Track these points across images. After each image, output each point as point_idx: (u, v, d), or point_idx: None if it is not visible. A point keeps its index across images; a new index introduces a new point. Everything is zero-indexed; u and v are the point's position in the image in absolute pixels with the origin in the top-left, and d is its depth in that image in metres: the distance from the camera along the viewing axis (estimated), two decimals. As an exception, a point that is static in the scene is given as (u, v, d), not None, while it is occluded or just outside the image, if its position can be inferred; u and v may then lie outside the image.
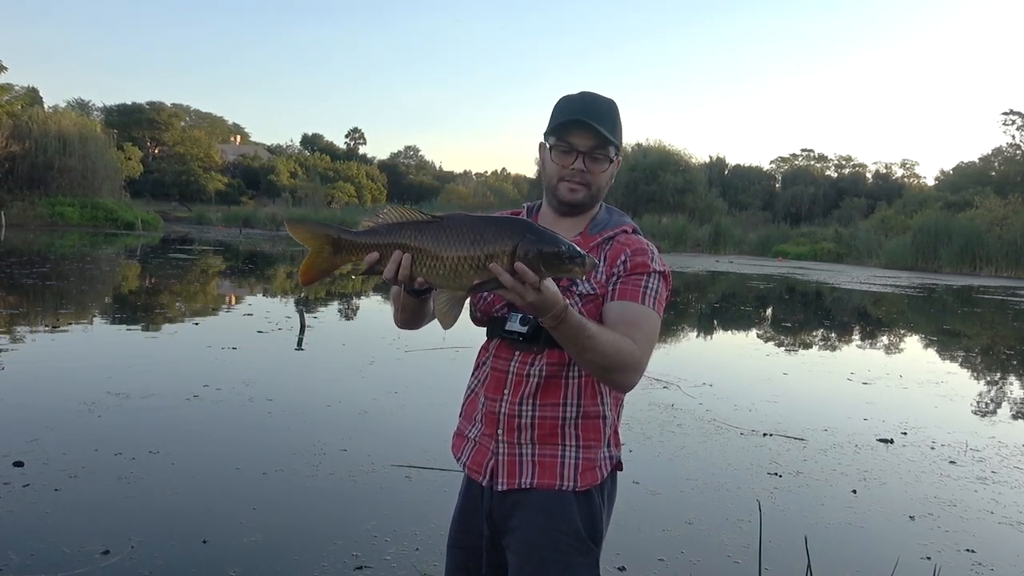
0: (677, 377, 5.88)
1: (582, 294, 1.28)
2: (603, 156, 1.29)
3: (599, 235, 1.33)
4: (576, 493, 1.26)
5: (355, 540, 2.66)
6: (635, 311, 1.25)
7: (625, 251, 1.29)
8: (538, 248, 1.05)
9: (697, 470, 3.68)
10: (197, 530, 2.66)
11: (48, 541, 2.50)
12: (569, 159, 1.29)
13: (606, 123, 1.28)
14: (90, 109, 54.38)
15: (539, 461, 1.28)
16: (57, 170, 29.35)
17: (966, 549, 2.93)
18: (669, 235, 36.66)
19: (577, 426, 1.29)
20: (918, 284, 21.21)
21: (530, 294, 1.08)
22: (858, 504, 3.36)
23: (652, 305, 1.27)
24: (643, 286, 1.27)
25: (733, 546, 2.82)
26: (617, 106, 1.32)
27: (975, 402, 6.08)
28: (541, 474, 1.27)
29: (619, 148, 1.32)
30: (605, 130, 1.27)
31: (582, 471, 1.28)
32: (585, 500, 1.27)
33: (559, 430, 1.29)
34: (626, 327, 1.22)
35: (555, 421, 1.29)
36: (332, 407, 4.47)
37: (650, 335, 1.26)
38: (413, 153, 74.92)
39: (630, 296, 1.26)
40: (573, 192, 1.29)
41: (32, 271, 11.72)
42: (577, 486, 1.26)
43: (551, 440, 1.28)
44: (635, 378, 1.25)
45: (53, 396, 4.36)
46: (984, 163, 43.97)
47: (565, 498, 1.25)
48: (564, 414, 1.29)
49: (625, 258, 1.28)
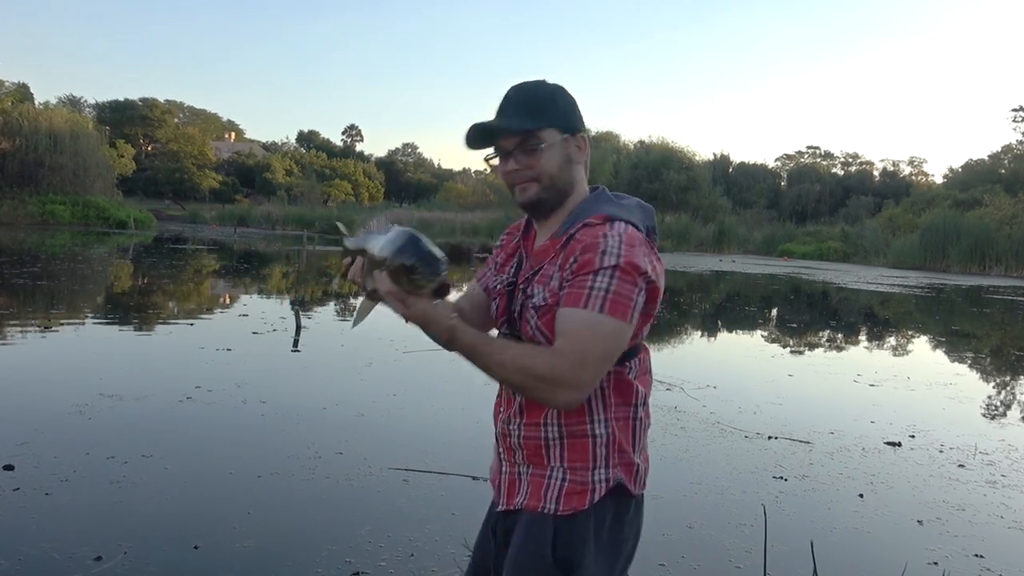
0: (680, 379, 5.82)
1: (536, 306, 1.18)
2: (534, 145, 1.19)
3: (564, 235, 1.21)
4: (556, 516, 1.17)
5: (350, 545, 2.62)
6: (568, 319, 1.12)
7: (577, 249, 1.15)
8: (394, 260, 1.05)
9: (700, 473, 3.62)
10: (190, 535, 2.62)
11: (38, 547, 2.47)
12: (505, 164, 1.22)
13: (518, 111, 1.19)
14: (82, 106, 54.41)
15: (531, 481, 1.22)
16: (48, 168, 29.13)
17: (975, 554, 2.87)
18: (672, 234, 36.57)
19: (562, 446, 1.19)
20: (926, 284, 21.06)
21: (398, 307, 1.09)
22: (865, 508, 3.30)
23: (598, 307, 1.10)
24: (587, 287, 1.11)
25: (736, 551, 2.76)
26: (544, 86, 1.22)
27: (984, 404, 5.99)
28: (531, 495, 1.21)
29: (557, 127, 1.20)
30: (514, 121, 1.18)
31: (566, 494, 1.17)
32: (566, 525, 1.17)
33: (543, 451, 1.21)
34: (558, 338, 1.12)
35: (538, 441, 1.21)
36: (328, 409, 4.43)
37: (583, 343, 1.10)
38: (411, 150, 74.84)
39: (570, 302, 1.12)
40: (523, 191, 1.22)
41: (22, 271, 11.70)
42: (559, 509, 1.17)
43: (539, 461, 1.22)
44: (560, 395, 1.11)
45: (44, 398, 4.33)
46: (993, 160, 43.68)
47: (545, 521, 1.17)
48: (546, 434, 1.20)
49: (575, 258, 1.14)
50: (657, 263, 1.17)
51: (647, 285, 1.14)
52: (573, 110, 1.23)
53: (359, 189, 57.71)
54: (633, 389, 1.20)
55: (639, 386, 1.22)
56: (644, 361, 1.25)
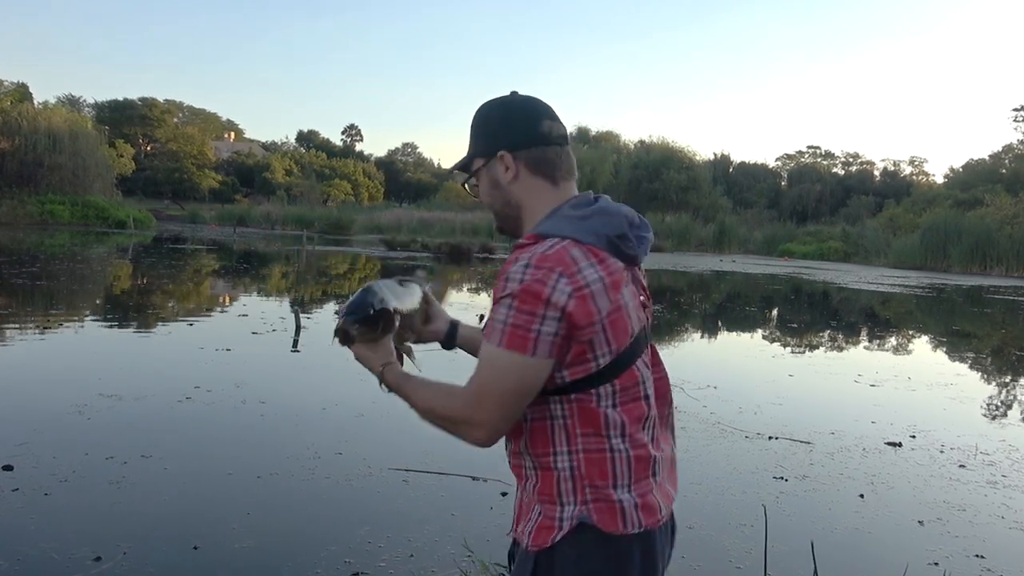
0: (681, 379, 5.81)
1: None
2: (469, 180, 1.20)
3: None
4: (528, 552, 1.10)
5: (349, 545, 2.62)
6: (480, 353, 1.07)
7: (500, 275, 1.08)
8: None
9: (701, 474, 3.62)
10: (189, 536, 2.61)
11: (38, 547, 2.46)
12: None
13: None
14: (81, 105, 54.38)
15: (522, 510, 1.17)
16: (47, 167, 29.15)
17: (976, 555, 2.86)
18: (673, 234, 36.55)
19: (537, 478, 1.11)
20: (927, 284, 21.04)
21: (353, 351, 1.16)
22: (866, 509, 3.29)
23: (496, 340, 1.01)
24: (492, 318, 1.04)
25: (736, 551, 2.76)
26: (477, 112, 1.18)
27: (985, 405, 5.98)
28: (520, 525, 1.16)
29: (479, 154, 1.16)
30: (457, 162, 1.21)
31: (538, 528, 1.10)
32: (536, 563, 1.09)
33: (524, 481, 1.14)
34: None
35: (520, 470, 1.14)
36: (328, 410, 4.42)
37: (480, 380, 1.04)
38: (411, 150, 74.65)
39: (485, 335, 1.06)
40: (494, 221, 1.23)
41: (22, 270, 11.70)
42: (529, 545, 1.10)
43: (525, 489, 1.17)
44: (467, 433, 1.06)
45: (43, 398, 4.32)
46: (994, 160, 43.67)
47: (526, 556, 1.12)
48: (523, 463, 1.13)
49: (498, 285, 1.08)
50: (590, 280, 1.01)
51: (560, 312, 0.99)
52: (490, 129, 1.15)
53: (359, 189, 57.67)
54: (603, 418, 1.06)
55: (617, 415, 1.06)
56: (629, 387, 1.07)
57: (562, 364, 1.04)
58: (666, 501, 1.14)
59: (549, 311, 1.00)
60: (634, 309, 1.08)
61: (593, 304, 1.01)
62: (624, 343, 1.05)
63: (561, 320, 1.00)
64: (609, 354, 1.04)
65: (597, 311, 1.02)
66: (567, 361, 1.04)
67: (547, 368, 1.03)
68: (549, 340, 1.01)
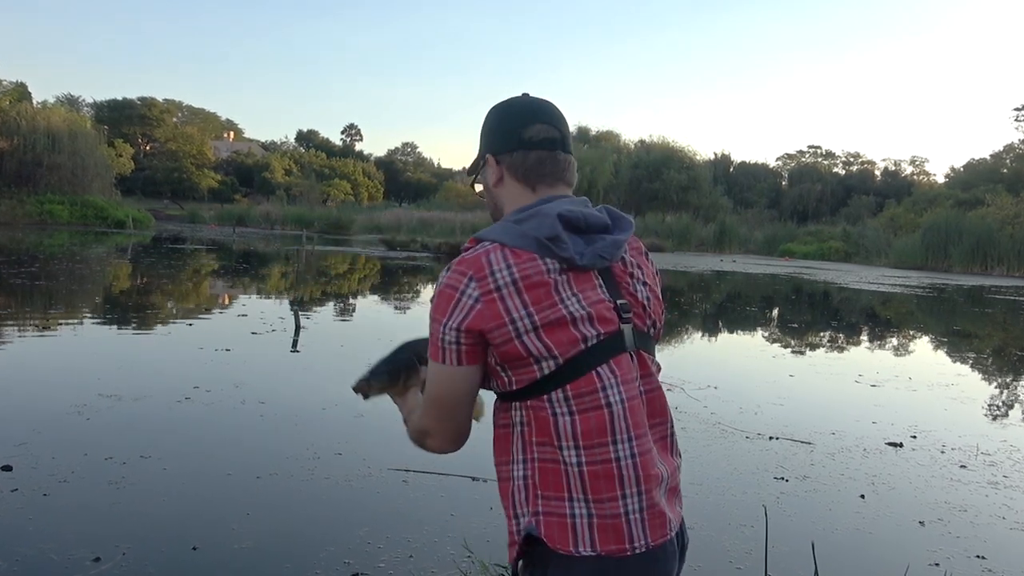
0: (681, 379, 5.80)
1: None
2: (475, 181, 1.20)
3: None
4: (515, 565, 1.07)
5: (348, 546, 2.61)
6: None
7: None
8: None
9: (701, 474, 3.61)
10: (188, 536, 2.61)
11: (36, 547, 2.46)
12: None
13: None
14: (80, 105, 54.36)
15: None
16: (46, 167, 29.18)
17: (977, 555, 2.86)
18: (673, 234, 36.53)
19: (500, 487, 1.08)
20: (928, 284, 21.02)
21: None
22: (866, 509, 3.28)
23: (434, 356, 1.04)
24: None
25: (737, 552, 2.75)
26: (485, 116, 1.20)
27: (986, 405, 5.97)
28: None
29: (478, 158, 1.17)
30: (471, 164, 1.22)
31: (508, 544, 1.07)
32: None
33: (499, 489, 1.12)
34: None
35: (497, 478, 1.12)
36: (327, 410, 4.42)
37: (426, 390, 1.08)
38: (411, 150, 74.57)
39: None
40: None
41: (21, 270, 11.70)
42: (509, 558, 1.07)
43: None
44: (424, 443, 1.10)
45: (42, 399, 4.32)
46: (995, 160, 43.65)
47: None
48: (498, 472, 1.10)
49: None
50: (500, 283, 0.99)
51: (461, 320, 0.99)
52: (483, 133, 1.16)
53: (358, 189, 57.67)
54: (554, 427, 1.00)
55: (571, 423, 1.00)
56: (586, 394, 1.01)
57: (504, 368, 1.02)
58: (655, 525, 1.02)
59: (450, 320, 1.00)
60: (588, 312, 1.02)
61: (502, 305, 0.99)
62: (569, 348, 1.00)
63: (460, 329, 0.99)
64: (551, 359, 1.00)
65: (507, 312, 0.99)
66: (511, 369, 1.02)
67: (469, 374, 1.03)
68: (454, 349, 1.01)
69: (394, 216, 39.54)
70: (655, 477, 1.04)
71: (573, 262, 1.02)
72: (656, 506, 1.03)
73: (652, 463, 1.04)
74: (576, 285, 1.02)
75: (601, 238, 1.06)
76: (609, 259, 1.06)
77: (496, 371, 1.04)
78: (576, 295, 1.02)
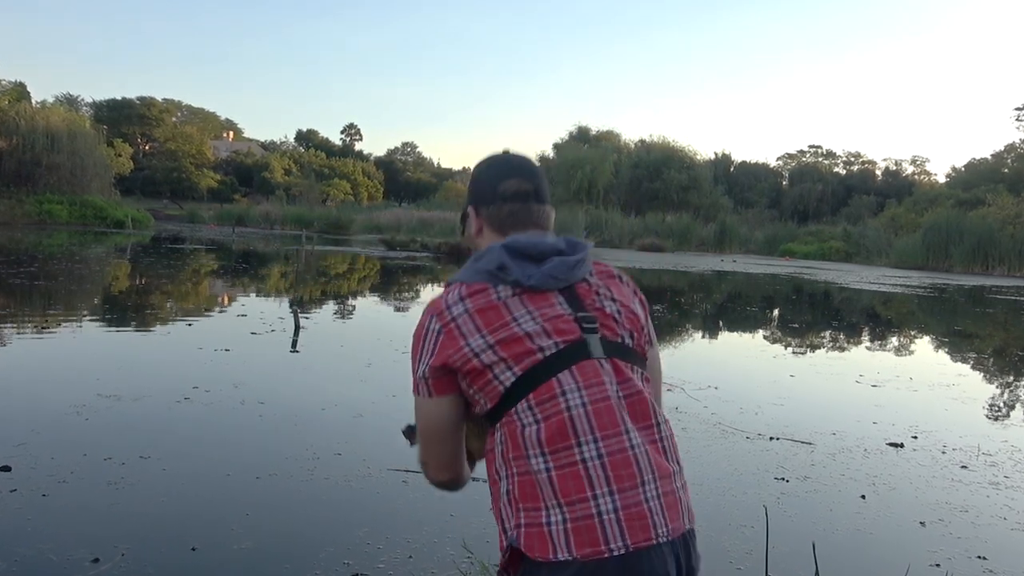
0: (681, 379, 5.80)
1: None
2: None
3: None
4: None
5: (348, 547, 2.61)
6: None
7: None
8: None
9: (702, 475, 3.60)
10: (188, 537, 2.60)
11: (35, 548, 2.45)
12: None
13: None
14: (79, 104, 54.24)
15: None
16: (45, 167, 29.11)
17: (978, 556, 2.85)
18: (673, 234, 36.51)
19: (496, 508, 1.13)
20: (929, 284, 21.01)
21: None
22: (867, 510, 3.28)
23: (414, 390, 1.15)
24: None
25: (737, 552, 2.74)
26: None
27: (987, 405, 5.96)
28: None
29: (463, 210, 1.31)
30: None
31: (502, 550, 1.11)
32: None
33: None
34: None
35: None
36: (327, 410, 4.41)
37: (417, 429, 1.19)
38: (411, 149, 74.45)
39: None
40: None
41: (20, 270, 11.68)
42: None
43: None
44: (427, 474, 1.23)
45: (41, 399, 4.31)
46: (996, 160, 43.65)
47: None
48: (491, 496, 1.16)
49: None
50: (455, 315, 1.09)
51: (429, 355, 1.10)
52: (469, 187, 1.29)
53: (358, 188, 57.64)
54: (522, 437, 1.06)
55: (536, 431, 1.05)
56: (546, 400, 1.06)
57: (475, 391, 1.10)
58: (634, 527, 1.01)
59: (421, 356, 1.12)
60: (543, 326, 1.08)
61: (458, 332, 1.09)
62: (524, 358, 1.07)
63: (429, 364, 1.10)
64: (510, 371, 1.07)
65: (463, 337, 1.08)
66: (479, 389, 1.09)
67: (447, 405, 1.12)
68: (425, 382, 1.12)
69: (394, 216, 39.54)
70: (630, 476, 1.04)
71: (520, 283, 1.10)
72: (635, 507, 1.03)
73: (627, 463, 1.05)
74: (531, 304, 1.10)
75: (551, 260, 1.13)
76: (562, 278, 1.12)
77: (472, 397, 1.11)
78: (530, 312, 1.10)
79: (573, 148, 47.32)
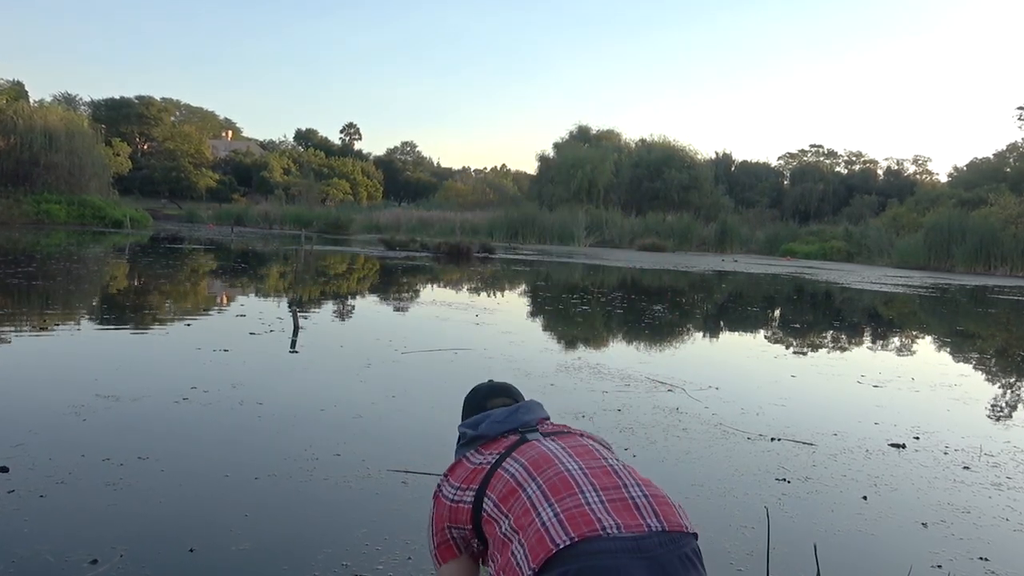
0: (682, 380, 5.78)
1: None
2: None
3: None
4: None
5: (347, 548, 2.60)
6: None
7: None
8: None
9: (702, 475, 3.59)
10: (186, 538, 2.59)
11: (32, 549, 2.44)
12: None
13: None
14: (77, 104, 54.18)
15: None
16: (43, 166, 29.05)
17: (980, 557, 2.83)
18: (674, 233, 36.49)
19: None
20: (931, 284, 20.98)
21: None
22: (869, 511, 3.26)
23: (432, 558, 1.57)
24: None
25: (738, 553, 2.73)
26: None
27: (990, 406, 5.94)
28: None
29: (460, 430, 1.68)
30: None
31: None
32: None
33: None
34: None
35: None
36: (326, 411, 4.40)
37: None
38: (410, 149, 74.30)
39: None
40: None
41: (17, 270, 11.65)
42: None
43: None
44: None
45: (39, 399, 4.29)
46: (999, 159, 43.51)
47: None
48: None
49: None
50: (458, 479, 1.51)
51: (435, 531, 1.54)
52: (463, 411, 1.71)
53: (357, 188, 57.57)
54: (500, 536, 1.33)
55: (508, 523, 1.32)
56: (500, 485, 1.39)
57: (471, 532, 1.44)
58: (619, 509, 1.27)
59: (432, 534, 1.55)
60: (486, 456, 1.49)
61: (444, 498, 1.52)
62: (476, 476, 1.45)
63: (434, 539, 1.53)
64: (468, 491, 1.44)
65: (446, 498, 1.50)
66: (464, 524, 1.45)
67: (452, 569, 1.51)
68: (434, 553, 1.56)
69: (393, 216, 39.56)
70: (567, 488, 1.30)
71: (475, 442, 1.55)
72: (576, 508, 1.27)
73: (565, 482, 1.32)
74: (485, 449, 1.52)
75: (516, 418, 1.58)
76: (509, 425, 1.55)
77: (473, 546, 1.46)
78: (482, 453, 1.51)
79: (573, 148, 47.32)
